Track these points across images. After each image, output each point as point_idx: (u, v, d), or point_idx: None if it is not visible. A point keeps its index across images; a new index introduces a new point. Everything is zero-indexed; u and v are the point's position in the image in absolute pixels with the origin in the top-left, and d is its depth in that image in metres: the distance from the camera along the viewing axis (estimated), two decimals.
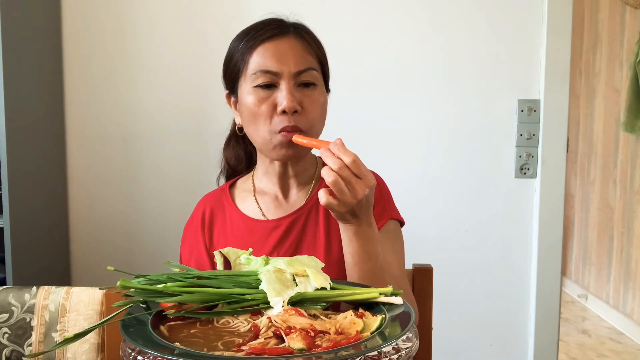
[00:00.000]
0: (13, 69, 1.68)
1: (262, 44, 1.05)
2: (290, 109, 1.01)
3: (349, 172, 0.91)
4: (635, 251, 3.41)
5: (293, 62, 1.03)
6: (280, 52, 1.04)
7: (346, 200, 0.91)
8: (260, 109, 1.03)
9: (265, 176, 1.14)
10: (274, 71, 1.03)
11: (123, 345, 0.68)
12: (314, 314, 0.76)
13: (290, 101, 1.01)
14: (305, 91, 1.05)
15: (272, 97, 1.03)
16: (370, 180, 0.92)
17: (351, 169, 0.91)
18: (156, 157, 2.00)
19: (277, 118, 1.02)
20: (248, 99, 1.05)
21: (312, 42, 1.09)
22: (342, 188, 0.90)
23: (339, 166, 0.90)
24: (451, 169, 1.96)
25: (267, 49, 1.04)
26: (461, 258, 1.98)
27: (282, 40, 1.05)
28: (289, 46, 1.05)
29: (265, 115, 1.03)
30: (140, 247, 2.01)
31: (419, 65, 1.94)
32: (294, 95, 1.02)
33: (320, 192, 0.93)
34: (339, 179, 0.90)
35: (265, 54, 1.04)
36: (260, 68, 1.03)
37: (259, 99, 1.03)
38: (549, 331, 1.97)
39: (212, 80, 1.92)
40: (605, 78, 3.78)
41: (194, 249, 1.14)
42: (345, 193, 0.91)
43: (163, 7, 1.96)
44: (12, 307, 1.22)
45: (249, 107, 1.05)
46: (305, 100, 1.04)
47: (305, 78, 1.04)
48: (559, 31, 1.89)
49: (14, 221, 1.69)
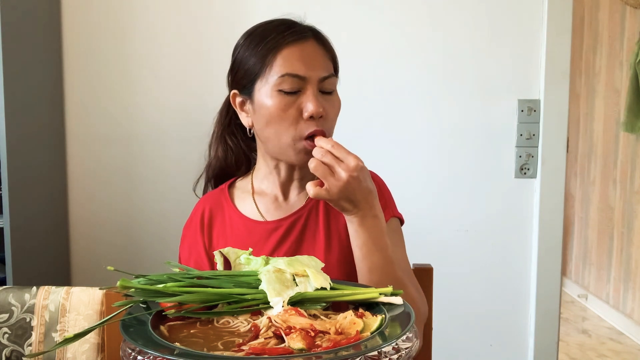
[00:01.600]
0: (13, 69, 1.68)
1: (287, 47, 1.03)
2: (317, 115, 1.01)
3: (330, 156, 0.94)
4: (635, 251, 3.41)
5: (319, 68, 1.04)
6: (306, 57, 1.03)
7: (331, 184, 0.93)
8: (285, 114, 1.02)
9: (267, 178, 1.14)
10: (301, 75, 1.02)
11: (123, 345, 0.68)
12: (314, 314, 0.76)
13: (318, 107, 1.01)
14: (326, 96, 1.05)
15: (297, 102, 1.02)
16: (351, 161, 0.94)
17: (333, 153, 0.94)
18: (156, 157, 1.99)
19: (303, 124, 1.02)
20: (269, 102, 1.03)
21: (330, 48, 1.10)
22: (325, 172, 0.93)
23: (320, 153, 0.95)
24: (451, 169, 1.96)
25: (293, 52, 1.03)
26: (461, 258, 1.98)
27: (305, 44, 1.05)
28: (313, 51, 1.05)
29: (290, 120, 1.02)
30: (140, 247, 2.01)
31: (419, 65, 1.94)
32: (319, 100, 1.02)
33: (308, 184, 0.96)
34: (320, 163, 0.94)
35: (291, 57, 1.03)
36: (287, 71, 1.02)
37: (284, 104, 1.02)
38: (549, 331, 1.97)
39: (212, 81, 1.93)
40: (605, 78, 3.78)
41: (193, 250, 1.14)
42: (329, 178, 0.93)
43: (163, 7, 1.96)
44: (12, 307, 1.22)
45: (271, 111, 1.03)
46: (327, 105, 1.04)
47: (328, 84, 1.05)
48: (559, 31, 1.89)
49: (14, 221, 1.69)
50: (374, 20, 1.94)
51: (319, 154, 0.95)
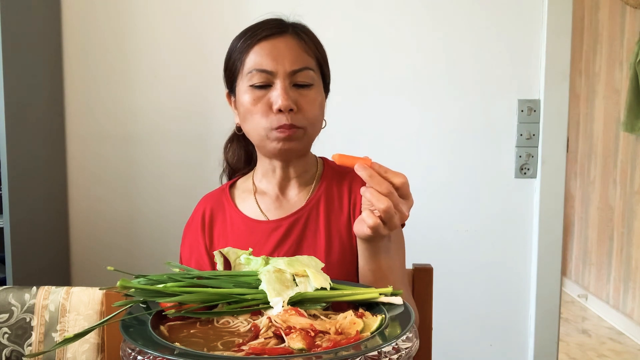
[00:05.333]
0: (13, 69, 1.68)
1: (259, 43, 1.05)
2: (285, 108, 1.01)
3: (397, 195, 0.87)
4: (635, 251, 3.41)
5: (289, 61, 1.03)
6: (276, 51, 1.04)
7: (393, 225, 0.87)
8: (256, 108, 1.03)
9: (265, 177, 1.14)
10: (269, 70, 1.03)
11: (123, 345, 0.68)
12: (314, 314, 0.76)
13: (285, 99, 1.01)
14: (301, 91, 1.04)
15: (267, 97, 1.03)
16: (412, 200, 0.89)
17: (401, 190, 0.87)
18: (156, 157, 2.00)
19: (273, 116, 1.02)
20: (244, 98, 1.05)
21: (310, 42, 1.08)
22: (392, 214, 0.85)
23: (388, 190, 0.85)
24: (451, 169, 1.96)
25: (263, 47, 1.04)
26: (461, 258, 1.98)
27: (279, 40, 1.05)
28: (286, 45, 1.05)
29: (261, 113, 1.03)
30: (140, 247, 2.01)
31: (419, 65, 1.94)
32: (288, 94, 1.02)
33: (367, 214, 0.87)
34: (391, 206, 0.85)
35: (261, 53, 1.04)
36: (255, 67, 1.03)
37: (254, 98, 1.04)
38: (549, 331, 1.97)
39: (212, 81, 1.93)
40: (605, 78, 3.78)
41: (194, 249, 1.14)
42: (394, 218, 0.86)
43: (163, 7, 1.96)
44: (12, 307, 1.22)
45: (245, 106, 1.05)
46: (301, 100, 1.03)
47: (301, 78, 1.04)
48: (559, 31, 1.89)
49: (14, 221, 1.69)
50: (374, 21, 1.94)
51: (386, 190, 0.85)
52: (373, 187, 0.86)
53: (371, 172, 0.87)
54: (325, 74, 1.11)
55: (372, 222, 0.86)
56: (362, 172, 0.87)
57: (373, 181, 0.86)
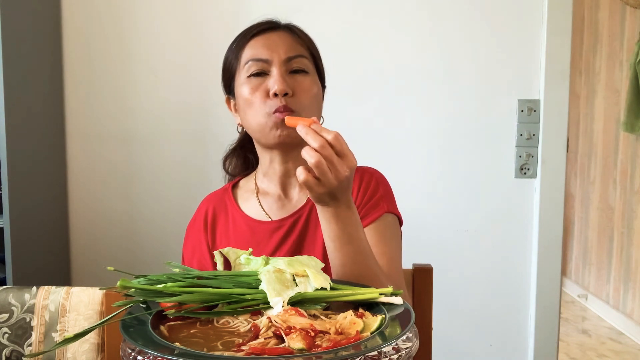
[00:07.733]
0: (13, 68, 1.68)
1: (253, 37, 1.08)
2: (281, 91, 1.03)
3: (331, 150, 0.85)
4: (635, 251, 3.41)
5: (283, 50, 1.06)
6: (270, 42, 1.07)
7: (327, 181, 0.85)
8: (254, 96, 1.05)
9: (266, 177, 1.14)
10: (264, 58, 1.06)
11: (123, 345, 0.68)
12: (314, 314, 0.76)
13: (281, 83, 1.03)
14: (297, 77, 1.07)
15: (264, 84, 1.05)
16: (352, 160, 0.87)
17: (334, 146, 0.85)
18: (156, 157, 2.00)
19: (270, 101, 1.04)
20: (243, 90, 1.07)
21: (303, 36, 1.12)
22: (324, 169, 0.84)
23: (320, 144, 0.84)
24: (451, 169, 1.96)
25: (258, 40, 1.08)
26: (461, 258, 1.98)
27: (272, 33, 1.09)
28: (279, 37, 1.08)
29: (259, 100, 1.05)
30: (140, 247, 2.01)
31: (419, 66, 1.94)
32: (284, 78, 1.04)
33: (299, 170, 0.86)
34: (322, 159, 0.84)
35: (256, 45, 1.07)
36: (251, 58, 1.07)
37: (252, 87, 1.06)
38: (549, 331, 1.97)
39: (212, 80, 1.92)
40: (605, 78, 3.78)
41: (197, 249, 1.14)
42: (327, 174, 0.85)
43: (163, 6, 1.96)
44: (12, 307, 1.22)
45: (244, 97, 1.07)
46: (296, 86, 1.05)
47: (296, 64, 1.07)
48: (559, 31, 1.89)
49: (14, 221, 1.69)
50: (374, 21, 1.94)
51: (318, 143, 0.85)
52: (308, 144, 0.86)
53: (307, 129, 0.87)
54: (319, 68, 1.13)
55: (303, 178, 0.86)
56: (300, 131, 0.88)
57: (307, 137, 0.86)
